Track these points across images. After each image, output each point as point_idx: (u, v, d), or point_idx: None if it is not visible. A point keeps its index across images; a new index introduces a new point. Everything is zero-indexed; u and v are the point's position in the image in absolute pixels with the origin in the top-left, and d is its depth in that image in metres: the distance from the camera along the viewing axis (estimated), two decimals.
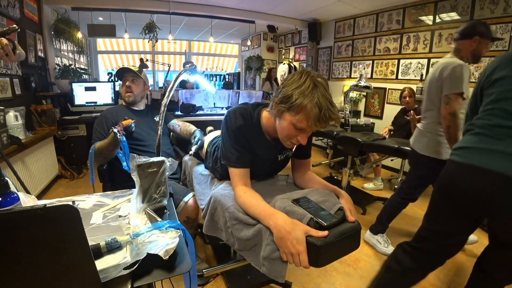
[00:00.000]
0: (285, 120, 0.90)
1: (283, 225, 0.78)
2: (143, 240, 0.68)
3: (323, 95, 0.83)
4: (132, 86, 1.59)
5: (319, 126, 0.87)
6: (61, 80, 3.45)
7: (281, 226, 0.79)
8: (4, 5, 2.35)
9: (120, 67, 1.63)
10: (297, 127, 0.89)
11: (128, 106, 1.66)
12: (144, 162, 0.86)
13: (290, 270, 1.68)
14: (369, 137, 2.37)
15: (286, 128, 0.91)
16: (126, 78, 1.59)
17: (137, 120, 1.35)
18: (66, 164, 3.20)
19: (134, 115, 1.60)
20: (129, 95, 1.60)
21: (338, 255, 0.87)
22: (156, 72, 6.94)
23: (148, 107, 1.74)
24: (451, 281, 1.67)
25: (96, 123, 1.53)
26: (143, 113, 1.67)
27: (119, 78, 1.65)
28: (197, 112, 3.63)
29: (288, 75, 2.20)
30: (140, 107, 1.69)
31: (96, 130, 1.50)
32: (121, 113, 1.58)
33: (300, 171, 1.18)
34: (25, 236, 0.44)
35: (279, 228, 0.79)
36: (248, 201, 0.94)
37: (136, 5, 3.82)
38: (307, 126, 0.87)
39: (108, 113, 1.57)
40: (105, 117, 1.54)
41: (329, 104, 0.84)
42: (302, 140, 0.92)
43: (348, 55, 4.51)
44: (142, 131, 1.55)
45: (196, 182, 1.35)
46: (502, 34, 2.69)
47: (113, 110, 1.61)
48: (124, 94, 1.61)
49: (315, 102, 0.82)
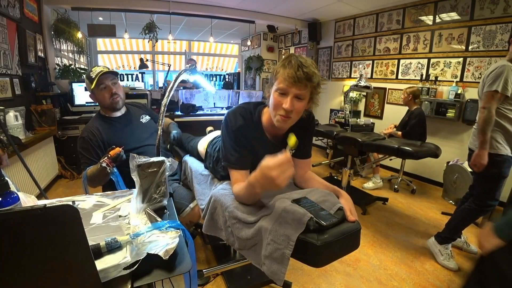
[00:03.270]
0: (272, 92, 0.95)
1: (257, 179, 0.81)
2: (143, 240, 0.68)
3: (297, 58, 0.90)
4: (114, 90, 1.41)
5: (298, 85, 0.89)
6: (61, 80, 3.45)
7: (257, 181, 0.82)
8: (4, 5, 2.35)
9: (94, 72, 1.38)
10: (279, 92, 0.92)
11: (108, 114, 1.48)
12: (144, 162, 0.86)
13: (290, 270, 1.68)
14: (369, 137, 2.37)
15: (273, 99, 0.94)
16: (105, 84, 1.39)
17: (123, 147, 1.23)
18: (66, 164, 3.20)
19: (120, 125, 1.47)
20: (118, 99, 1.43)
21: (338, 255, 0.87)
22: (156, 72, 6.94)
23: (129, 109, 1.57)
24: (451, 281, 1.67)
25: (80, 147, 1.37)
26: (128, 118, 1.52)
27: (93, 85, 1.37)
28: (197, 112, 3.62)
29: None
30: (122, 112, 1.52)
31: (82, 154, 1.36)
32: (105, 130, 1.41)
33: (300, 171, 1.18)
34: (25, 236, 0.44)
35: (259, 183, 0.81)
36: (238, 188, 0.97)
37: (136, 5, 3.82)
38: (286, 85, 0.90)
39: (89, 133, 1.38)
40: (88, 138, 1.36)
41: (303, 63, 0.89)
42: (285, 104, 0.92)
43: (348, 55, 4.51)
44: (134, 139, 1.46)
45: (196, 182, 1.35)
46: (502, 34, 2.69)
47: (92, 127, 1.41)
48: (108, 100, 1.41)
49: (288, 62, 0.90)
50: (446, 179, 2.87)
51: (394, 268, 1.79)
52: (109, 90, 1.40)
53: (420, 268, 1.79)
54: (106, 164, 1.13)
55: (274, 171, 0.75)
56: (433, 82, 3.27)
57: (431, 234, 1.99)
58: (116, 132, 1.44)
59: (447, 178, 2.85)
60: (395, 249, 1.99)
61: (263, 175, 0.78)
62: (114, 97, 1.42)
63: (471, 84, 2.97)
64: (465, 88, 3.00)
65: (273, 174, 0.75)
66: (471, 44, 2.94)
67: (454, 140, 3.17)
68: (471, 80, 2.97)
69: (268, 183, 0.77)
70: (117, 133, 1.44)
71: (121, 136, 1.43)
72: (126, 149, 1.29)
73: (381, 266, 1.81)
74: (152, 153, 1.43)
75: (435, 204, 2.80)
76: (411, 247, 2.02)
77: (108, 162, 1.14)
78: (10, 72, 2.44)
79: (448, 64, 3.16)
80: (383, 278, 1.69)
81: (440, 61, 3.24)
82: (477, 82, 2.92)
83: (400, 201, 2.84)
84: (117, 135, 1.42)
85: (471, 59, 2.95)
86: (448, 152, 3.00)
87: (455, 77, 3.10)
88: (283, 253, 0.80)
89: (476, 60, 2.91)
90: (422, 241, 2.09)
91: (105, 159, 1.15)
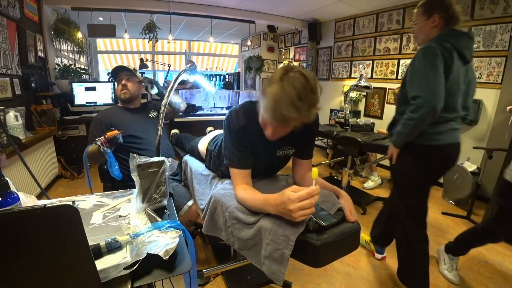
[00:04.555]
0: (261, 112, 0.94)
1: (276, 203, 0.81)
2: (143, 240, 0.68)
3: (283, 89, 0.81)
4: (127, 84, 1.62)
5: (275, 122, 0.88)
6: (61, 80, 3.45)
7: (275, 205, 0.81)
8: (4, 5, 2.35)
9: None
10: (262, 118, 0.93)
11: (124, 105, 1.68)
12: (144, 162, 0.86)
13: (290, 270, 1.68)
14: (369, 137, 2.37)
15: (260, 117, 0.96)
16: (121, 77, 1.62)
17: (124, 131, 1.35)
18: (66, 164, 3.20)
19: (130, 114, 1.63)
20: (125, 92, 1.62)
21: (338, 255, 0.87)
22: (156, 72, 6.94)
23: (144, 105, 1.76)
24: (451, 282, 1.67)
25: (91, 126, 1.54)
26: (139, 110, 1.70)
27: (114, 78, 1.68)
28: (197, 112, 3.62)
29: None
30: (136, 105, 1.71)
31: (91, 133, 1.52)
32: (116, 114, 1.61)
33: (301, 171, 1.18)
34: (25, 236, 0.44)
35: (276, 208, 0.81)
36: (247, 196, 0.95)
37: (136, 5, 3.82)
38: (265, 118, 0.90)
39: (102, 115, 1.59)
40: (99, 119, 1.55)
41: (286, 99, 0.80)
42: (268, 132, 0.95)
43: (348, 55, 4.51)
44: (138, 128, 1.57)
45: (196, 182, 1.35)
46: (502, 34, 2.69)
47: (107, 111, 1.63)
48: (119, 92, 1.63)
49: (272, 93, 0.83)
50: (446, 179, 2.87)
51: (394, 268, 1.78)
52: (122, 84, 1.62)
53: None
54: (100, 143, 1.21)
55: (294, 205, 0.74)
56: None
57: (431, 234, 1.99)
58: (122, 118, 1.58)
59: (447, 178, 2.85)
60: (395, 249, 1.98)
61: (282, 203, 0.77)
62: (123, 89, 1.62)
63: None
64: None
65: (292, 207, 0.74)
66: None
67: None
68: None
69: (285, 213, 0.78)
70: (122, 119, 1.58)
71: (125, 123, 1.55)
72: (128, 134, 1.43)
73: (381, 266, 1.81)
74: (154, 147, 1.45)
75: (435, 204, 2.80)
76: None
77: (102, 141, 1.21)
78: (10, 72, 2.44)
79: None
80: (383, 278, 1.69)
81: None
82: (477, 82, 2.91)
83: None
84: (121, 121, 1.55)
85: None
86: None
87: None
88: (283, 253, 0.80)
89: (476, 60, 2.91)
90: None
91: (101, 138, 1.22)
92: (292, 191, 0.76)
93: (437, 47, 1.17)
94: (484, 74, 2.86)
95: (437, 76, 1.16)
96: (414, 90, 1.22)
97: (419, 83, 1.20)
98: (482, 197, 2.68)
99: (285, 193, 0.77)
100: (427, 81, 1.17)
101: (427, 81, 1.17)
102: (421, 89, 1.18)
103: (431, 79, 1.16)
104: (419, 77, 1.20)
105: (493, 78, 2.79)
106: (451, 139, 1.29)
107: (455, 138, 1.31)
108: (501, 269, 1.80)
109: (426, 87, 1.17)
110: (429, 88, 1.16)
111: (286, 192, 0.77)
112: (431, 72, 1.17)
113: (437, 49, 1.17)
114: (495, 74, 2.77)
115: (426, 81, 1.17)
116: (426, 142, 1.27)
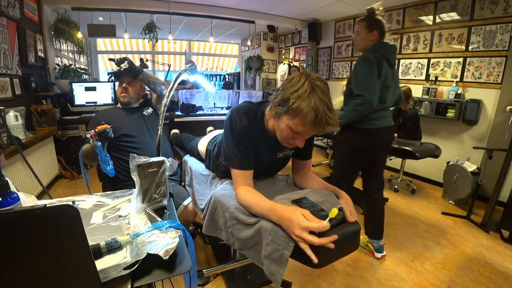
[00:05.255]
0: (283, 122, 0.90)
1: (282, 216, 0.80)
2: (143, 240, 0.68)
3: (320, 99, 0.82)
4: (128, 88, 1.62)
5: (316, 131, 0.87)
6: (61, 80, 3.45)
7: (281, 217, 0.81)
8: (4, 5, 2.35)
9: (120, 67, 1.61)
10: (293, 130, 0.88)
11: (122, 106, 1.68)
12: (144, 162, 0.86)
13: (290, 270, 1.68)
14: None
15: (284, 131, 0.92)
16: (124, 80, 1.62)
17: (113, 126, 1.37)
18: (66, 164, 3.20)
19: (127, 113, 1.62)
20: (124, 95, 1.62)
21: (338, 255, 0.87)
22: (156, 72, 6.94)
23: (141, 104, 1.75)
24: (451, 281, 1.67)
25: (89, 125, 1.55)
26: (136, 109, 1.69)
27: (116, 78, 1.67)
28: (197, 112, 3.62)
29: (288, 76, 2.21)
30: (134, 106, 1.71)
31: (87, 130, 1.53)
32: (112, 114, 1.60)
33: (300, 171, 1.18)
34: (25, 236, 0.44)
35: (280, 220, 0.81)
36: (250, 200, 0.94)
37: (136, 5, 3.82)
38: (303, 130, 0.87)
39: (99, 115, 1.59)
40: (96, 119, 1.55)
41: (326, 108, 0.82)
42: (299, 143, 0.93)
43: (348, 55, 4.51)
44: (133, 127, 1.56)
45: (196, 182, 1.35)
46: (502, 34, 2.69)
47: (104, 111, 1.64)
48: (119, 94, 1.64)
49: (312, 106, 0.81)
50: (446, 179, 2.87)
51: (394, 268, 1.79)
52: (123, 87, 1.63)
53: (420, 268, 1.79)
54: (90, 136, 1.24)
55: (300, 232, 0.75)
56: (433, 82, 3.27)
57: (431, 234, 1.99)
58: (117, 118, 1.57)
59: (447, 178, 2.85)
60: (395, 249, 1.99)
61: (289, 221, 0.77)
62: (124, 92, 1.62)
63: (471, 84, 2.97)
64: (465, 88, 3.00)
65: (297, 233, 0.75)
66: (471, 44, 2.94)
67: (454, 140, 3.17)
68: (471, 80, 2.97)
69: (286, 228, 0.79)
70: (118, 118, 1.57)
71: (120, 122, 1.54)
72: (122, 133, 1.49)
73: (381, 266, 1.81)
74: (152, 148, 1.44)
75: (435, 204, 2.80)
76: (411, 247, 2.02)
77: (92, 134, 1.25)
78: (10, 72, 2.44)
79: (448, 64, 3.16)
80: (383, 278, 1.69)
81: (440, 61, 3.24)
82: (477, 82, 2.93)
83: (400, 201, 2.84)
84: (116, 120, 1.54)
85: (471, 59, 2.95)
86: (448, 152, 3.00)
87: (455, 77, 3.10)
88: (282, 254, 0.80)
89: (476, 60, 2.91)
90: (422, 241, 2.10)
91: (91, 132, 1.26)
92: (306, 217, 0.76)
93: (372, 57, 1.56)
94: (484, 74, 2.86)
95: (373, 79, 1.55)
96: (358, 89, 1.56)
97: (362, 85, 1.56)
98: (482, 197, 2.68)
99: (297, 215, 0.77)
100: (367, 84, 1.55)
101: (367, 84, 1.55)
102: (363, 89, 1.54)
103: (370, 82, 1.55)
104: (361, 80, 1.57)
105: (493, 78, 2.79)
106: (384, 124, 1.68)
107: (388, 122, 1.72)
108: (501, 269, 1.80)
109: (366, 89, 1.54)
110: (369, 89, 1.53)
111: (298, 214, 0.77)
112: (369, 77, 1.55)
113: (372, 59, 1.56)
114: (495, 74, 2.77)
115: (366, 84, 1.55)
116: (364, 126, 1.65)
